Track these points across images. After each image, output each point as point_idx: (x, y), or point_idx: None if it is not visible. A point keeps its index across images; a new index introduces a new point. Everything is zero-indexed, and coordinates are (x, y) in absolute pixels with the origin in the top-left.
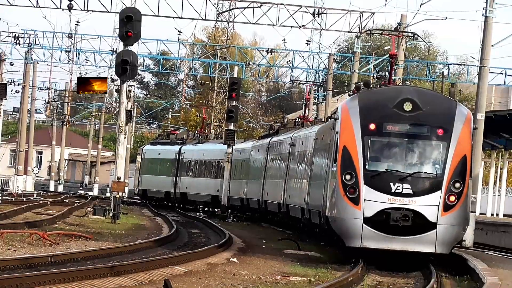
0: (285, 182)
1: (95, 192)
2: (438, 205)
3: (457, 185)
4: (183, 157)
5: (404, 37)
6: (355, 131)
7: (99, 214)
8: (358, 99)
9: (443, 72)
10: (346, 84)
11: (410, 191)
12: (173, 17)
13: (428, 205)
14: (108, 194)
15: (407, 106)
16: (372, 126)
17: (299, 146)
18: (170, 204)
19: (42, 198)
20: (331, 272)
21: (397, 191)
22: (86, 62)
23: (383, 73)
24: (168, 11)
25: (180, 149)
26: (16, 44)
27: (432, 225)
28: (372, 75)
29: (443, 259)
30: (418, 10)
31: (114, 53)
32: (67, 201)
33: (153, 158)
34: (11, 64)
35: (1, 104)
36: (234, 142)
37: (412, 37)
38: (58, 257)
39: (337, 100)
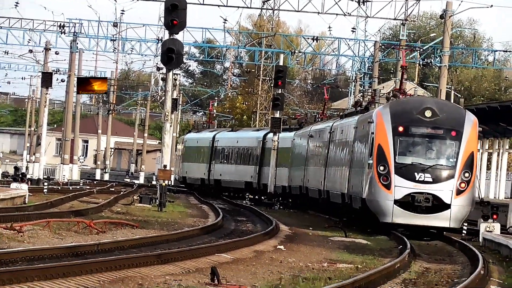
0: (304, 169)
1: (141, 180)
2: (452, 190)
3: (467, 174)
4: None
5: (409, 51)
6: (387, 132)
7: (145, 202)
8: (389, 107)
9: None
10: (391, 71)
11: (430, 179)
12: (219, 6)
13: (444, 190)
14: (154, 182)
15: (428, 113)
16: (401, 129)
17: (316, 138)
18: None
19: (88, 187)
20: (378, 259)
21: (420, 179)
22: (131, 50)
23: (429, 61)
24: None
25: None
26: (61, 33)
27: (447, 206)
28: (417, 62)
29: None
30: None
31: (160, 41)
32: (113, 189)
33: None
34: (57, 53)
35: (47, 93)
36: (280, 130)
37: (418, 50)
38: (104, 245)
39: (383, 87)
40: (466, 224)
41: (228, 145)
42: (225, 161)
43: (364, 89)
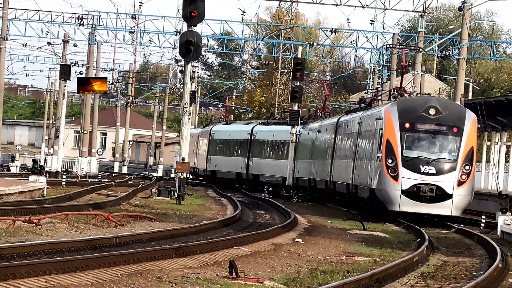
0: (312, 161)
1: (160, 173)
2: (454, 182)
3: (467, 167)
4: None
5: (411, 50)
6: (395, 128)
7: (164, 195)
8: (397, 105)
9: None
10: (410, 64)
11: (434, 171)
12: None
13: (447, 181)
14: (172, 175)
15: (432, 111)
16: (407, 125)
17: (323, 133)
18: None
19: (106, 180)
20: (396, 252)
21: (425, 171)
22: (150, 43)
23: (447, 53)
24: None
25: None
26: (80, 26)
27: (449, 196)
28: (436, 54)
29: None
30: None
31: (178, 33)
32: (131, 182)
33: None
34: (75, 45)
35: (66, 86)
36: (299, 122)
37: (417, 50)
38: (123, 238)
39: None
40: (484, 217)
41: (222, 137)
42: (219, 153)
43: (382, 82)
